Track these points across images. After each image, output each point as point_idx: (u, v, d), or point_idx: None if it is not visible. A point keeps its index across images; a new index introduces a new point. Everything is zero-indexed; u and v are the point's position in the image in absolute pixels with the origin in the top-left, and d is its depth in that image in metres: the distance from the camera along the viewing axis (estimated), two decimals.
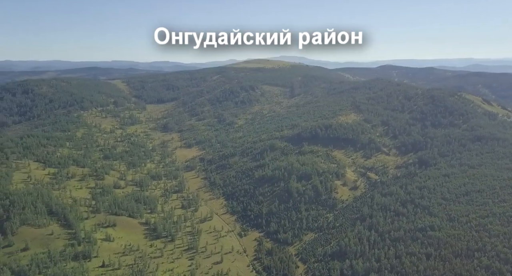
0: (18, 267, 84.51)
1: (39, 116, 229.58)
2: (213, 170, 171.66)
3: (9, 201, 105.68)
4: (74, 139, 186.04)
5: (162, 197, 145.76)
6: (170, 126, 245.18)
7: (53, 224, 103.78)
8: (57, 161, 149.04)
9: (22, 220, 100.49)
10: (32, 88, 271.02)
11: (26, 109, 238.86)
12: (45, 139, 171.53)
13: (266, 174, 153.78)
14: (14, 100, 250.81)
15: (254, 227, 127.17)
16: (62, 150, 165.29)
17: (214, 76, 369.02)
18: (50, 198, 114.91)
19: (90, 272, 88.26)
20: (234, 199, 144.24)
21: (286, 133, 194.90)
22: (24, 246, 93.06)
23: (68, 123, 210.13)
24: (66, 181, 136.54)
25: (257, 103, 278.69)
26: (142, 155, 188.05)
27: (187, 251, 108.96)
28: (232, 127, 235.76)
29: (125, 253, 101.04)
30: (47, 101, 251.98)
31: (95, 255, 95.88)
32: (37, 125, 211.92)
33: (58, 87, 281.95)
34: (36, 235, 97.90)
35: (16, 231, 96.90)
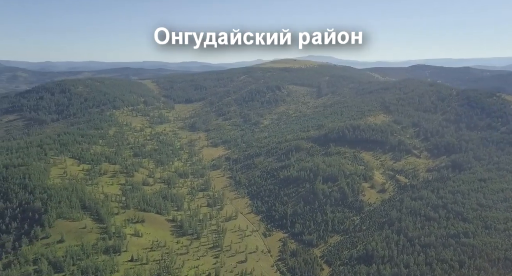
0: (54, 258, 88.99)
1: (75, 115, 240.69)
2: (238, 170, 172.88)
3: (47, 195, 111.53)
4: (107, 137, 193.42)
5: (189, 195, 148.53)
6: (197, 126, 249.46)
7: (86, 218, 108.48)
8: (90, 158, 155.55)
9: (58, 213, 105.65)
10: (69, 87, 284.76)
11: (63, 108, 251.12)
12: (80, 137, 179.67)
13: (291, 175, 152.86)
14: (52, 99, 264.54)
15: (278, 228, 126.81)
16: (95, 147, 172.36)
17: (241, 76, 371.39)
18: (84, 193, 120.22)
19: (119, 266, 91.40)
20: (258, 199, 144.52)
21: (312, 134, 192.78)
22: (60, 238, 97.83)
23: (101, 121, 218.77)
24: (99, 177, 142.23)
25: (283, 103, 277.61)
26: (170, 153, 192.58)
27: (212, 249, 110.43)
28: (257, 127, 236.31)
29: (153, 248, 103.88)
30: (82, 100, 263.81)
31: (125, 249, 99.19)
32: (73, 123, 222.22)
33: (92, 87, 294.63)
34: (70, 228, 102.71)
35: (53, 224, 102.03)
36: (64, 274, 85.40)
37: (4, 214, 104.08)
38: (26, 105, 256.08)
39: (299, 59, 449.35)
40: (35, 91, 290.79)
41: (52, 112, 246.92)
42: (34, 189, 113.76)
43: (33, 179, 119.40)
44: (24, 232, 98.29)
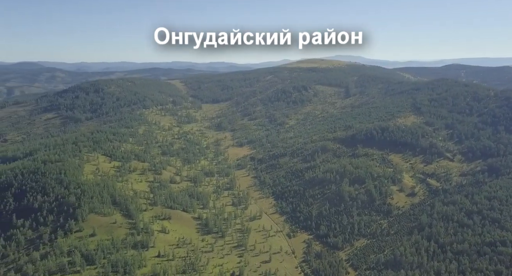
0: (87, 251, 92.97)
1: (107, 113, 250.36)
2: (263, 170, 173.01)
3: (81, 190, 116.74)
4: (136, 135, 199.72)
5: (214, 193, 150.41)
6: (223, 125, 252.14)
7: (116, 214, 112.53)
8: (121, 155, 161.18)
9: (91, 208, 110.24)
10: (102, 87, 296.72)
11: (97, 107, 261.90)
12: (111, 135, 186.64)
13: (316, 176, 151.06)
14: (87, 98, 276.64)
15: (303, 229, 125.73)
16: (126, 145, 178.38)
17: (267, 76, 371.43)
18: (114, 189, 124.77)
19: (147, 261, 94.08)
20: (283, 200, 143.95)
21: (339, 135, 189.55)
22: (92, 232, 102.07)
23: (132, 120, 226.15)
24: (128, 174, 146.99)
25: (309, 103, 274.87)
26: (196, 152, 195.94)
27: (236, 248, 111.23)
28: (283, 127, 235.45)
29: (179, 245, 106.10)
30: (114, 99, 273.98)
31: (152, 245, 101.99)
32: (105, 121, 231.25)
33: (124, 87, 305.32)
34: (102, 222, 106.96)
35: (85, 218, 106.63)
36: (95, 266, 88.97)
37: (42, 207, 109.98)
38: (63, 104, 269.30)
39: (326, 59, 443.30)
40: (71, 90, 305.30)
41: (86, 110, 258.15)
42: (69, 184, 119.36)
43: (68, 174, 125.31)
44: (59, 225, 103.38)
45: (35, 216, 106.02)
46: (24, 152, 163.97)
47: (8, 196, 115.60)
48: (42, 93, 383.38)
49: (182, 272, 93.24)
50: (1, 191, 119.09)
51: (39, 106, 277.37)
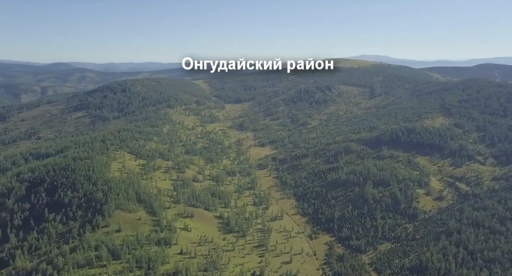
0: (113, 246, 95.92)
1: (134, 113, 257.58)
2: (284, 170, 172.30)
3: (107, 187, 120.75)
4: (161, 134, 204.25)
5: (236, 193, 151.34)
6: (245, 125, 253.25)
7: (141, 211, 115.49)
8: (146, 154, 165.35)
9: (117, 204, 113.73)
10: (129, 87, 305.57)
11: (124, 106, 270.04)
12: (137, 133, 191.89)
13: (339, 178, 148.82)
14: (114, 98, 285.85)
15: (325, 231, 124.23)
16: (151, 144, 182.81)
17: (290, 76, 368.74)
18: (139, 186, 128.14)
19: (170, 258, 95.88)
20: (305, 201, 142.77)
21: (363, 136, 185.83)
22: (118, 227, 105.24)
23: (157, 119, 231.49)
24: (153, 172, 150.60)
25: (332, 104, 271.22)
26: (219, 151, 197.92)
27: (257, 248, 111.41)
28: (305, 128, 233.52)
29: (201, 243, 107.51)
30: (140, 99, 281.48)
31: (175, 242, 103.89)
32: (131, 120, 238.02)
33: (149, 87, 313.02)
34: (127, 219, 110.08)
35: (112, 214, 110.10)
36: (121, 261, 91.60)
37: (72, 202, 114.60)
38: (92, 103, 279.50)
39: (351, 59, 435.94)
40: (100, 90, 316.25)
41: (114, 110, 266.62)
42: (97, 181, 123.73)
43: (96, 171, 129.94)
44: (87, 220, 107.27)
45: (65, 211, 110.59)
46: (56, 149, 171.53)
47: (41, 191, 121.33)
48: (73, 93, 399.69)
49: (204, 270, 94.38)
50: (35, 186, 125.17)
51: (70, 105, 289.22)
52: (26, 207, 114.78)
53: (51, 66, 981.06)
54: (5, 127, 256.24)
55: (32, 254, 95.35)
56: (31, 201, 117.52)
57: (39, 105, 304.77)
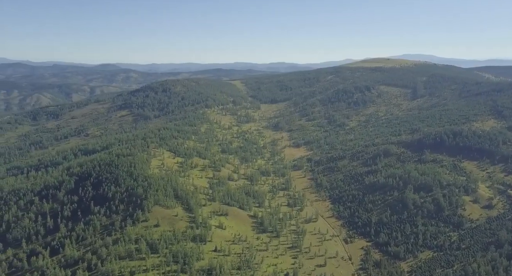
0: (151, 240, 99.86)
1: (173, 112, 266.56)
2: (320, 172, 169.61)
3: (147, 183, 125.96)
4: (199, 133, 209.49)
5: (270, 193, 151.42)
6: (280, 125, 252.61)
7: (178, 207, 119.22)
8: (184, 152, 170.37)
9: (156, 200, 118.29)
10: (170, 87, 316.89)
11: (164, 105, 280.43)
12: (176, 132, 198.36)
13: (377, 181, 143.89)
14: (156, 97, 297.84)
15: (361, 235, 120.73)
16: (189, 142, 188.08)
17: (328, 76, 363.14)
18: (177, 183, 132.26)
19: (204, 254, 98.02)
20: (340, 204, 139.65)
21: (404, 138, 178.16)
22: (156, 222, 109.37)
23: (195, 118, 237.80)
24: (190, 170, 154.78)
25: (372, 105, 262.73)
26: (254, 151, 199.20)
27: (291, 249, 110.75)
28: (342, 129, 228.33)
29: (234, 242, 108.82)
30: (179, 98, 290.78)
31: (209, 239, 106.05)
32: (171, 119, 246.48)
33: (189, 87, 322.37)
34: (165, 214, 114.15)
35: (151, 209, 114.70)
36: (158, 255, 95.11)
37: (115, 196, 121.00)
38: (135, 102, 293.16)
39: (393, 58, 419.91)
40: (142, 90, 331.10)
41: (155, 109, 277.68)
42: (138, 177, 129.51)
43: (137, 168, 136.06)
44: (128, 214, 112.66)
45: (109, 205, 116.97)
46: (102, 146, 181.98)
47: (88, 185, 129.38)
48: (118, 92, 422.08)
49: (237, 268, 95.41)
50: (83, 180, 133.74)
51: (115, 104, 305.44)
52: (74, 200, 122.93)
53: (99, 67, 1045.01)
54: (58, 124, 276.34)
55: (79, 244, 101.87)
56: (79, 194, 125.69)
57: (87, 104, 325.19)
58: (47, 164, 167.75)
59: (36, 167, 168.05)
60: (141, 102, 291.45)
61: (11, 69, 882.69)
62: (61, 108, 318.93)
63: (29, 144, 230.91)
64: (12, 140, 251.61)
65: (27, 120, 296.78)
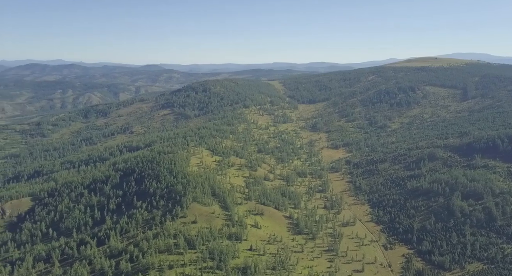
0: (189, 236, 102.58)
1: (212, 111, 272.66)
2: (359, 174, 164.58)
3: (186, 180, 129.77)
4: (236, 133, 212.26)
5: (306, 194, 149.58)
6: (318, 126, 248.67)
7: (215, 205, 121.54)
8: (221, 151, 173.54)
9: (194, 197, 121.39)
10: (209, 87, 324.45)
11: (204, 105, 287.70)
12: (215, 131, 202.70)
13: (421, 186, 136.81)
14: (196, 97, 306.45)
15: (401, 242, 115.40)
16: (226, 142, 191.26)
17: (370, 76, 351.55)
18: (214, 182, 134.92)
19: (240, 253, 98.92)
20: (380, 208, 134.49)
21: (452, 142, 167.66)
22: (194, 219, 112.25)
23: (233, 118, 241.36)
24: (227, 168, 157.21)
25: (416, 106, 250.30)
26: (290, 152, 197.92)
27: (327, 252, 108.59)
28: (384, 131, 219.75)
29: (270, 242, 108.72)
30: (219, 98, 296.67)
31: (245, 238, 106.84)
32: (210, 118, 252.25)
33: (228, 87, 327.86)
34: (202, 211, 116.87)
35: (189, 206, 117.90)
36: (195, 251, 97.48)
37: (156, 192, 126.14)
38: (176, 102, 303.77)
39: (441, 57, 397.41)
40: (183, 90, 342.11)
41: (195, 108, 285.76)
42: (177, 174, 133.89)
43: (177, 165, 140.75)
44: (168, 210, 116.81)
45: (150, 200, 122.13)
46: (145, 143, 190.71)
47: (131, 180, 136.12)
48: (161, 92, 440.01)
49: (272, 269, 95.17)
50: (127, 175, 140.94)
51: (158, 103, 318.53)
52: (119, 194, 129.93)
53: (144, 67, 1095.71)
54: (106, 122, 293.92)
55: (122, 236, 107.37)
56: (123, 188, 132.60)
57: (133, 103, 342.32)
58: (96, 159, 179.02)
59: (86, 161, 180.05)
60: (182, 101, 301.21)
61: (66, 70, 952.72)
62: (109, 107, 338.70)
63: (80, 140, 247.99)
64: (66, 136, 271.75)
65: (79, 117, 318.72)
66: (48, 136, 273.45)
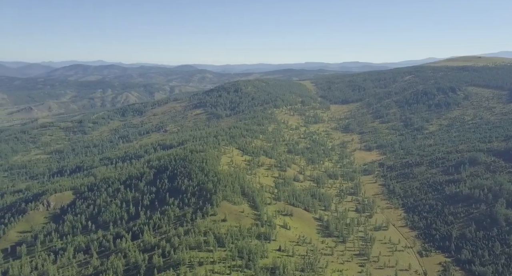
0: (219, 234, 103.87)
1: (243, 111, 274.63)
2: (393, 178, 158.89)
3: (217, 179, 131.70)
4: (266, 133, 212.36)
5: (337, 196, 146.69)
6: (351, 127, 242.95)
7: (244, 204, 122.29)
8: (251, 150, 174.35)
9: (224, 196, 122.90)
10: (241, 87, 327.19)
11: (235, 105, 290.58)
12: (245, 131, 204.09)
13: (460, 192, 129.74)
14: (228, 97, 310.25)
15: (438, 249, 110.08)
16: (256, 141, 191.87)
17: (406, 76, 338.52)
18: (244, 181, 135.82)
19: (268, 253, 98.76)
20: (415, 213, 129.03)
21: (496, 146, 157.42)
22: (224, 217, 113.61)
23: (263, 118, 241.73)
24: (257, 168, 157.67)
25: (457, 107, 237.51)
26: (321, 153, 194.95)
27: (357, 256, 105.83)
28: (421, 133, 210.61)
29: (299, 243, 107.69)
30: (250, 98, 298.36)
31: (274, 238, 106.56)
32: (241, 118, 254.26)
33: (259, 87, 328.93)
34: (232, 210, 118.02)
35: (219, 204, 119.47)
36: (225, 249, 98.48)
37: (187, 190, 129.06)
38: (208, 101, 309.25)
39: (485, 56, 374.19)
40: (216, 90, 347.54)
41: (226, 108, 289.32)
42: (208, 173, 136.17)
43: (208, 164, 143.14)
44: (199, 207, 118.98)
45: (182, 197, 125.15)
46: (178, 141, 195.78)
47: (164, 178, 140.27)
48: (194, 92, 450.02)
49: (301, 270, 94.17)
50: (160, 172, 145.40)
51: (191, 103, 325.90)
52: (153, 190, 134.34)
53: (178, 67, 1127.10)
54: (142, 120, 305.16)
55: (155, 231, 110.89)
56: (157, 185, 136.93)
57: (167, 102, 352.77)
58: (132, 157, 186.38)
59: (122, 158, 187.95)
60: (214, 101, 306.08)
61: (107, 70, 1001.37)
62: (144, 106, 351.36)
63: (118, 137, 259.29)
64: (105, 133, 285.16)
65: (117, 116, 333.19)
66: (88, 133, 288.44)
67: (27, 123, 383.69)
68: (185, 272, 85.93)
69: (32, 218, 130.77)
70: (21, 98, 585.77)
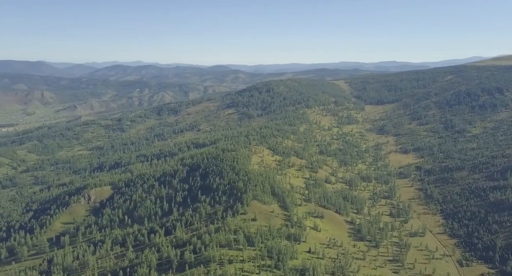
0: (248, 233, 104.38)
1: (274, 111, 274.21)
2: (431, 182, 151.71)
3: (247, 178, 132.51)
4: (297, 133, 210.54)
5: (370, 200, 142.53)
6: (386, 129, 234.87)
7: (274, 204, 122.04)
8: (282, 151, 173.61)
9: (254, 195, 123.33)
10: (273, 87, 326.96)
11: (267, 105, 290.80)
12: (276, 131, 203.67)
13: (507, 199, 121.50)
14: (260, 97, 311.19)
15: (481, 259, 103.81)
16: (287, 142, 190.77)
17: (447, 76, 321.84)
18: (274, 181, 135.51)
19: (298, 254, 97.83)
20: (455, 220, 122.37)
21: None
22: (253, 216, 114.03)
23: (295, 118, 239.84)
24: (287, 168, 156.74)
25: (504, 109, 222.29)
26: (354, 154, 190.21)
27: (391, 262, 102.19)
28: (462, 136, 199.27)
29: (329, 245, 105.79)
30: (281, 98, 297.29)
31: (304, 240, 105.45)
32: (272, 118, 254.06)
33: (291, 87, 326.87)
34: (262, 210, 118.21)
35: (249, 203, 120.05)
36: (254, 248, 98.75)
37: (218, 188, 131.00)
38: (241, 101, 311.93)
39: None
40: (248, 90, 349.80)
41: (258, 108, 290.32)
42: (239, 172, 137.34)
43: (239, 163, 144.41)
44: (229, 206, 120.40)
45: (213, 195, 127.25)
46: (210, 140, 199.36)
47: (196, 175, 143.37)
48: (227, 92, 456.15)
49: (331, 274, 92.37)
50: (193, 170, 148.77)
51: (223, 102, 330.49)
52: (185, 188, 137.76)
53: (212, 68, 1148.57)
54: (176, 119, 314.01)
55: (187, 228, 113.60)
56: (189, 182, 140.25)
57: (201, 102, 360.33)
58: (166, 154, 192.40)
59: (157, 156, 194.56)
60: (246, 101, 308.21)
61: (144, 71, 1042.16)
62: (179, 105, 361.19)
63: (153, 135, 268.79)
64: (141, 131, 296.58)
65: (153, 114, 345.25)
66: (126, 131, 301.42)
67: (72, 121, 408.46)
68: (215, 269, 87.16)
69: (75, 210, 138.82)
70: (67, 97, 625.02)
